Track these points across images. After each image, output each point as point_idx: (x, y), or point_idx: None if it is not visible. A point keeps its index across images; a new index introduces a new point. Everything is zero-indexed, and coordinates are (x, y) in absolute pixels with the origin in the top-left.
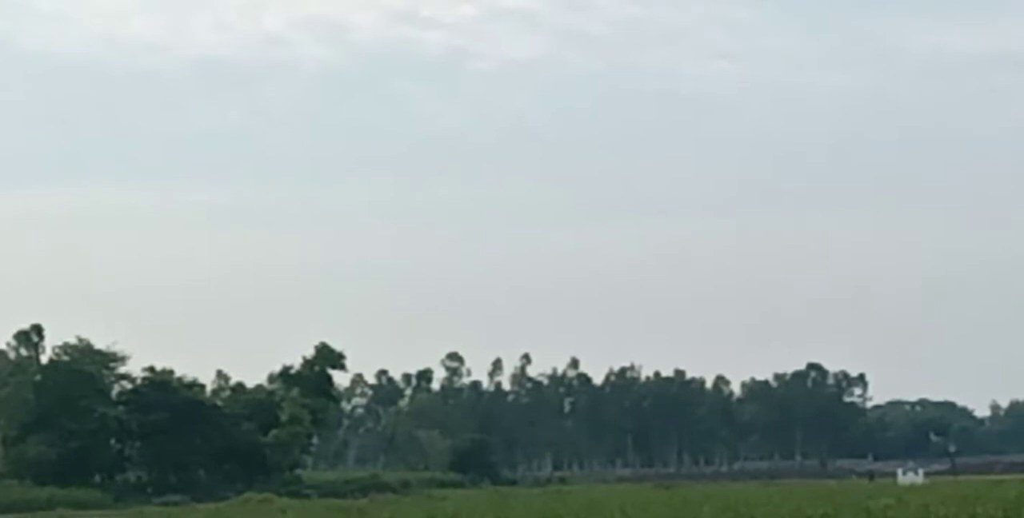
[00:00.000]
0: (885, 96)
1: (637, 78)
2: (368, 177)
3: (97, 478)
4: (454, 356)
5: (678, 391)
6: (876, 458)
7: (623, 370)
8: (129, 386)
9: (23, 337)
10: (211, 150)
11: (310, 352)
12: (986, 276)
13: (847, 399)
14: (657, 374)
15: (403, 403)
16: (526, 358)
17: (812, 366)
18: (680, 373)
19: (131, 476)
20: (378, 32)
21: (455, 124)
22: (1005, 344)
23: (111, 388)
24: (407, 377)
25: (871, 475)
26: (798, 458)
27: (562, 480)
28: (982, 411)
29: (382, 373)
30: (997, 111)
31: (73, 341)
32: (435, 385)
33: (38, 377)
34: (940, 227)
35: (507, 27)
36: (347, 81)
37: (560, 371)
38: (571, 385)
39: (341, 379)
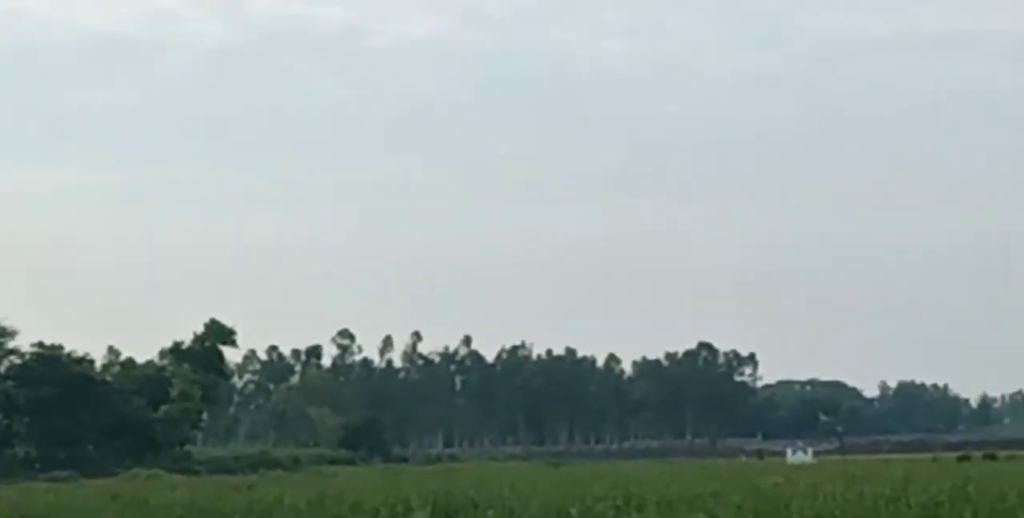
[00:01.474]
0: (781, 78)
1: (532, 57)
2: (261, 154)
3: None
4: (345, 333)
5: (569, 369)
6: (766, 437)
7: (515, 348)
8: (18, 361)
9: None
10: (102, 126)
11: (201, 328)
12: (876, 258)
13: (737, 378)
14: (549, 352)
15: (294, 380)
16: (417, 335)
17: (703, 345)
18: (571, 351)
19: (19, 452)
20: (273, 8)
21: (349, 101)
22: (894, 325)
23: None
24: (297, 353)
25: (760, 454)
26: (688, 437)
27: (453, 457)
28: (871, 391)
29: (273, 349)
30: (891, 94)
31: None
32: (326, 362)
33: None
34: (830, 209)
35: (403, 5)
36: (241, 57)
37: (452, 349)
38: (463, 363)
39: (232, 355)
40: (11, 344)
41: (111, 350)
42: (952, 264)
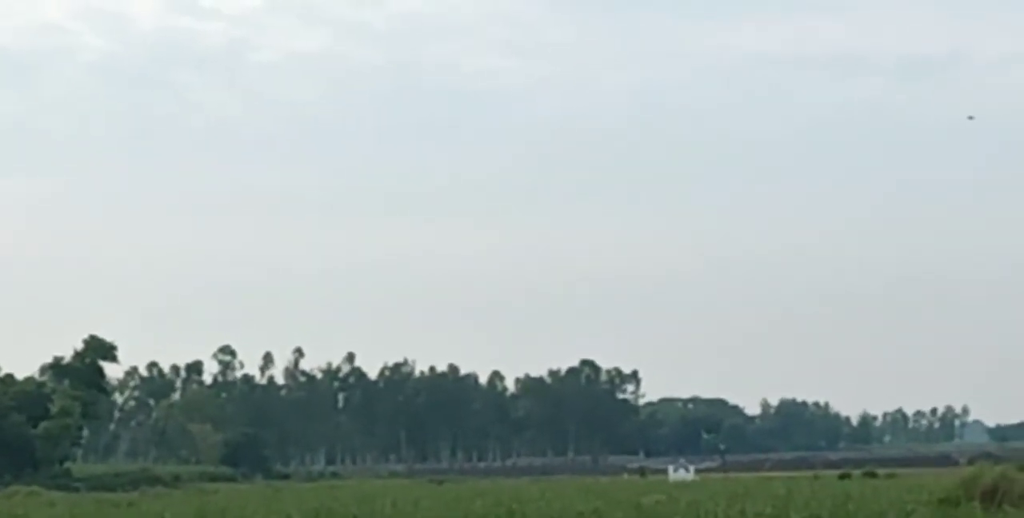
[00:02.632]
0: (666, 95)
1: (419, 73)
2: (145, 166)
3: None
4: (226, 349)
5: (452, 386)
6: (648, 455)
7: (397, 365)
8: None
9: None
10: None
11: (81, 344)
12: (756, 274)
13: (620, 396)
14: (432, 369)
15: (175, 396)
16: (299, 352)
17: (586, 363)
18: (454, 368)
19: None
20: (158, 22)
21: (234, 115)
22: (775, 342)
23: None
24: (177, 369)
25: (643, 471)
26: (571, 454)
27: (335, 475)
28: (753, 409)
29: (153, 365)
30: (775, 112)
31: None
32: (207, 378)
33: None
34: (712, 225)
35: (289, 19)
36: (126, 71)
37: (335, 365)
38: (346, 380)
39: (113, 371)
40: None
41: None
42: (834, 283)
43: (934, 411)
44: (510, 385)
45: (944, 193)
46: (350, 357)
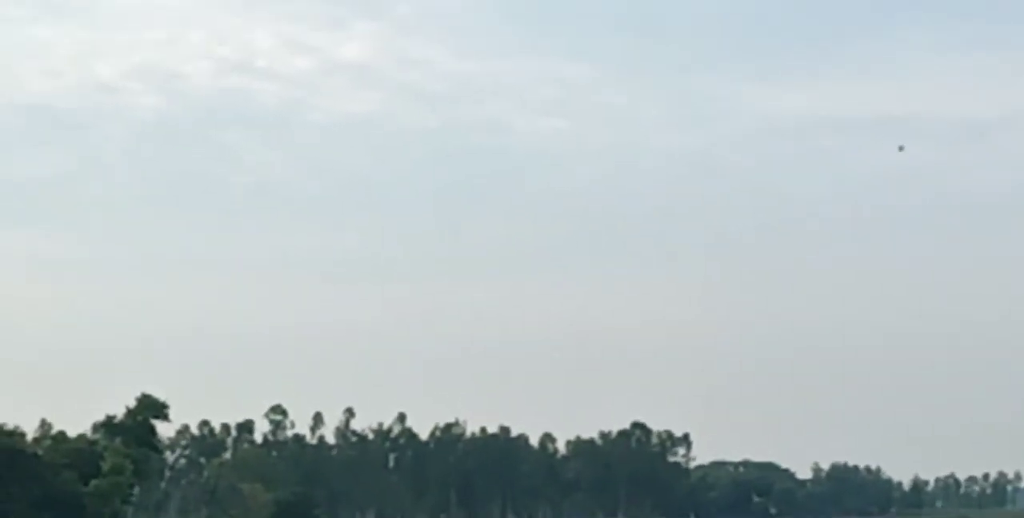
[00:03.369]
0: (714, 157)
1: (469, 134)
2: (198, 226)
3: None
4: (278, 409)
5: (503, 447)
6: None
7: (448, 426)
8: None
9: None
10: (38, 197)
11: (133, 402)
12: (809, 339)
13: (671, 458)
14: (483, 430)
15: (226, 455)
16: (350, 412)
17: (637, 425)
18: (505, 429)
19: None
20: (212, 81)
21: (287, 176)
22: (827, 407)
23: None
24: (228, 428)
25: None
26: (621, 516)
27: None
28: (804, 473)
29: (205, 424)
30: (819, 174)
31: None
32: (258, 437)
33: None
34: (765, 290)
35: (342, 81)
36: (180, 130)
37: (386, 425)
38: (396, 440)
39: (164, 430)
40: None
41: (43, 423)
42: (888, 348)
43: (986, 476)
44: (561, 447)
45: (1002, 256)
46: (401, 417)
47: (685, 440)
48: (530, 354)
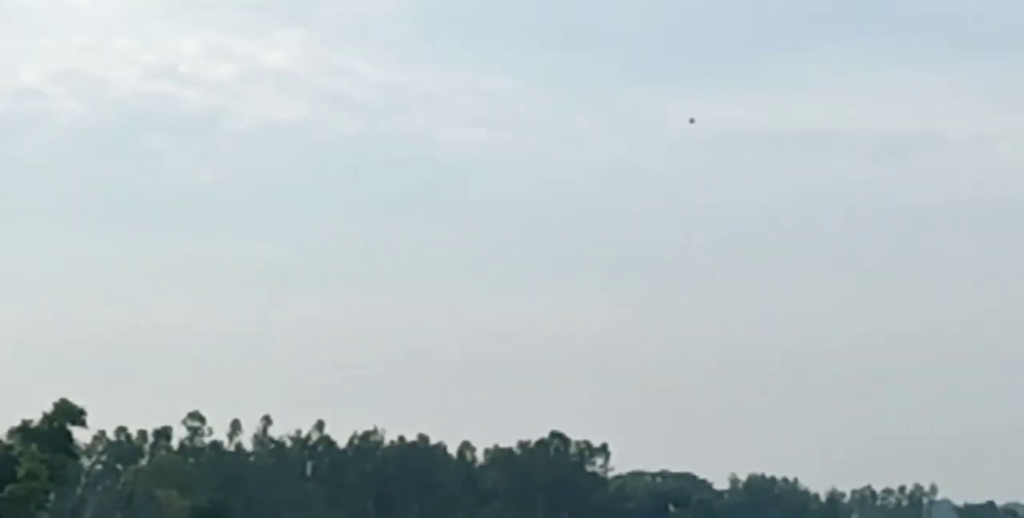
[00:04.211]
0: (638, 170)
1: (394, 144)
2: (119, 233)
3: None
4: (195, 415)
5: (421, 456)
6: None
7: (367, 434)
8: None
9: None
10: None
11: (50, 408)
12: (727, 350)
13: (589, 468)
14: (401, 438)
15: (143, 461)
16: (267, 419)
17: (555, 434)
18: (424, 438)
19: None
20: (136, 87)
21: (209, 182)
22: (744, 418)
23: None
24: (145, 434)
25: None
26: None
27: None
28: (721, 484)
29: (122, 430)
30: (742, 187)
31: None
32: (175, 444)
33: None
34: (684, 301)
35: (266, 88)
36: (104, 136)
37: (304, 433)
38: (314, 447)
39: (81, 435)
40: None
41: None
42: (804, 360)
43: (902, 489)
44: (479, 456)
45: (921, 269)
46: (319, 425)
47: (603, 450)
48: (450, 363)
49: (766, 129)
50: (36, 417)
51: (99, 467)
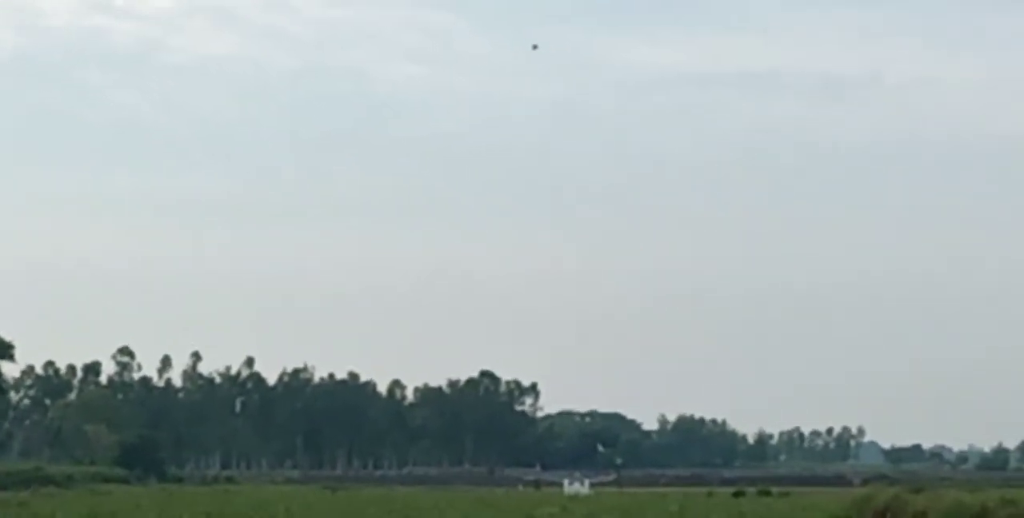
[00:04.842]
0: (576, 111)
1: (332, 79)
2: (51, 165)
3: None
4: (125, 350)
5: (351, 393)
6: (544, 467)
7: (296, 371)
8: None
9: None
10: None
11: None
12: (659, 291)
13: (518, 408)
14: (331, 376)
15: (71, 396)
16: (197, 355)
17: (485, 374)
18: (354, 376)
19: None
20: (71, 20)
21: (146, 116)
22: (674, 359)
23: None
24: (74, 369)
25: (538, 484)
26: (467, 465)
27: (229, 479)
28: (650, 424)
29: (50, 365)
30: (683, 127)
31: None
32: (104, 379)
33: None
34: (617, 239)
35: (202, 22)
36: (38, 67)
37: (234, 370)
38: (244, 384)
39: (9, 370)
40: None
41: None
42: (736, 301)
43: (830, 431)
44: (409, 394)
45: (857, 211)
46: (249, 362)
47: (533, 390)
48: (382, 300)
49: (706, 69)
50: None
51: (27, 402)
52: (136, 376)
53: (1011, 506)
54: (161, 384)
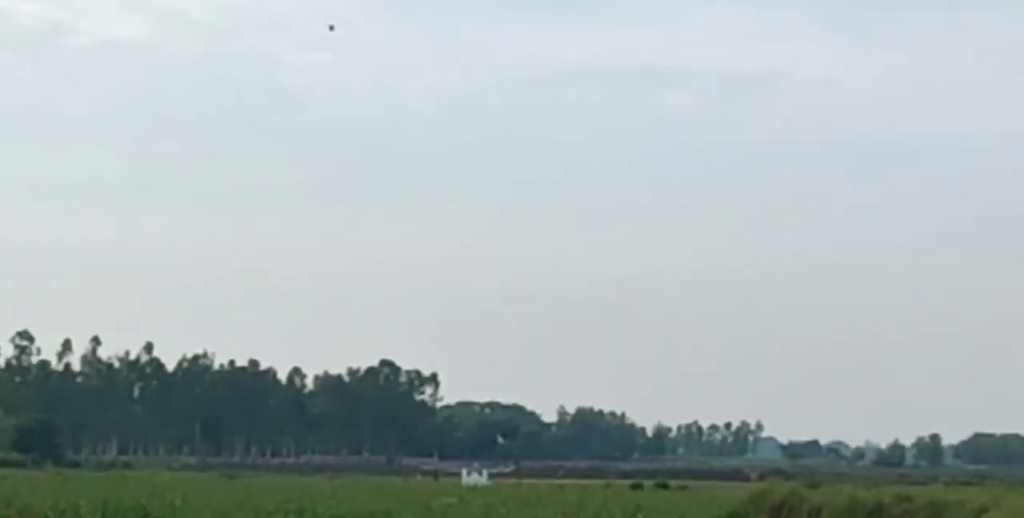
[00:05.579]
0: (477, 101)
1: (237, 65)
2: None
3: None
4: (24, 334)
5: (250, 381)
6: (443, 457)
7: (196, 357)
8: None
9: None
10: None
11: None
12: (559, 283)
13: (418, 397)
14: (232, 363)
15: None
16: (96, 340)
17: (385, 363)
18: (254, 363)
19: None
20: None
21: (51, 99)
22: (575, 351)
23: None
24: None
25: (436, 474)
26: (366, 454)
27: (127, 465)
28: (549, 416)
29: None
30: (585, 121)
31: None
32: (1, 362)
33: None
34: (515, 231)
35: (108, 5)
36: None
37: (133, 355)
38: (143, 369)
39: None
40: None
41: None
42: (635, 296)
43: (728, 425)
44: (309, 382)
45: (759, 206)
46: (148, 347)
47: (433, 379)
48: (283, 288)
49: (607, 63)
50: None
51: None
52: (35, 360)
53: (906, 502)
54: (60, 368)
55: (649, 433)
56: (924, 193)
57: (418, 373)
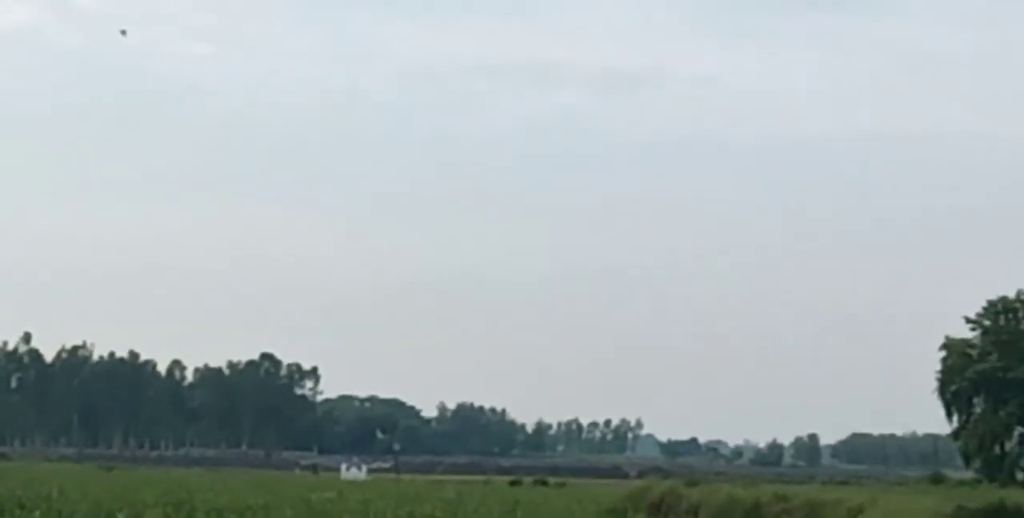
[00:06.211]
0: (362, 95)
1: (119, 55)
2: None
3: None
4: None
5: (130, 372)
6: (322, 451)
7: (75, 348)
8: None
9: None
10: None
11: None
12: (444, 278)
13: (298, 391)
14: (111, 354)
15: None
16: None
17: (266, 356)
18: (134, 355)
19: None
20: None
21: None
22: (455, 346)
23: None
24: None
25: (315, 468)
26: (245, 447)
27: (3, 456)
28: (429, 411)
29: None
30: (469, 117)
31: None
32: None
33: None
34: (397, 225)
35: None
36: None
37: (11, 345)
38: (20, 360)
39: None
40: None
41: None
42: (516, 292)
43: (608, 423)
44: (189, 375)
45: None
46: (27, 337)
47: (313, 373)
48: (164, 280)
49: (492, 59)
50: None
51: None
52: None
53: (783, 501)
54: None
55: (529, 430)
56: (803, 192)
57: (298, 366)
